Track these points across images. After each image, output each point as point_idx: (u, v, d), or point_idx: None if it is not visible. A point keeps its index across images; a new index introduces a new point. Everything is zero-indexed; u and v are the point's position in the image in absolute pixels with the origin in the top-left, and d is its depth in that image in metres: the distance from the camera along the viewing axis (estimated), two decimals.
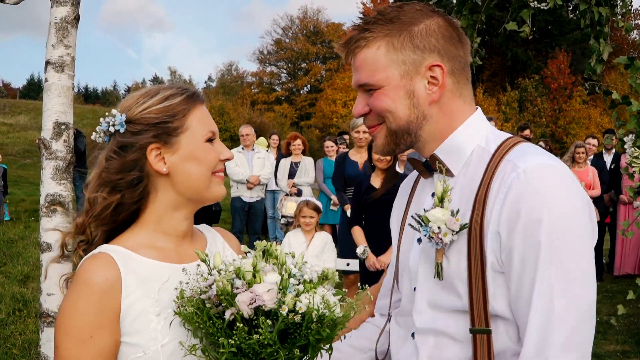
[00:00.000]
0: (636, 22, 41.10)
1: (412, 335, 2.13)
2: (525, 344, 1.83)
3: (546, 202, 1.82)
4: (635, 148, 3.83)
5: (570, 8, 42.23)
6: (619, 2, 4.51)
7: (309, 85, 59.35)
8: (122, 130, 2.08)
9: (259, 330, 1.71)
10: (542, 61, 45.19)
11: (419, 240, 2.09)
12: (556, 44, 44.15)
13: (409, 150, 2.20)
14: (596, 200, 12.89)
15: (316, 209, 7.95)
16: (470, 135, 2.07)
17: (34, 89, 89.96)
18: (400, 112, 2.04)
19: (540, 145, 13.21)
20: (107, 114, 2.13)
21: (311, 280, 1.82)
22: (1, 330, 8.28)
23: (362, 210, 7.39)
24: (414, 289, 2.13)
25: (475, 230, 1.91)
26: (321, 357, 1.90)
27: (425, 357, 2.05)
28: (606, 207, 13.85)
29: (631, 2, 4.58)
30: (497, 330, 1.92)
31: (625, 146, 4.11)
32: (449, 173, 2.05)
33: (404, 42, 2.02)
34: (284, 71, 63.58)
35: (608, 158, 14.00)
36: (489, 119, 13.55)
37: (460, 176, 2.04)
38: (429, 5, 2.14)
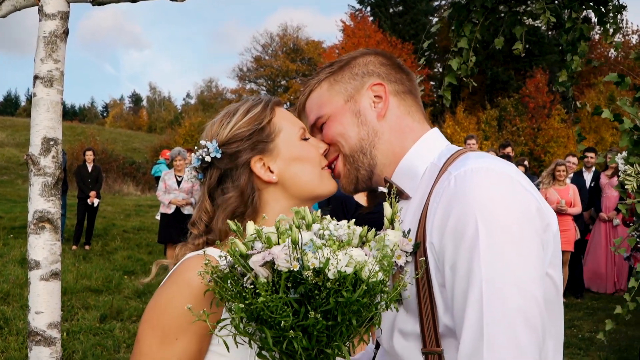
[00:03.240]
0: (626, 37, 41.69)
1: None
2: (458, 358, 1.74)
3: (475, 205, 1.73)
4: (628, 165, 3.85)
5: (552, 27, 42.76)
6: (610, 19, 4.55)
7: (288, 103, 59.29)
8: (219, 155, 2.09)
9: (261, 292, 1.58)
10: (521, 80, 45.55)
11: None
12: (535, 63, 44.53)
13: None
14: (576, 218, 13.02)
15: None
16: (422, 154, 2.08)
17: (10, 105, 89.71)
18: (350, 132, 2.11)
19: (525, 165, 13.32)
20: (196, 148, 2.13)
21: (339, 240, 1.67)
22: None
23: None
24: None
25: (419, 248, 1.87)
26: (362, 336, 1.75)
27: None
28: (586, 225, 13.97)
29: (622, 20, 4.63)
30: (449, 350, 1.83)
31: (619, 163, 4.14)
32: (404, 195, 2.05)
33: (343, 73, 2.17)
34: (264, 88, 63.59)
35: (588, 176, 14.14)
36: (470, 137, 13.67)
37: (415, 197, 2.02)
38: (370, 48, 2.28)
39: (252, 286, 1.62)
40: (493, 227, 1.71)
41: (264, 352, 1.70)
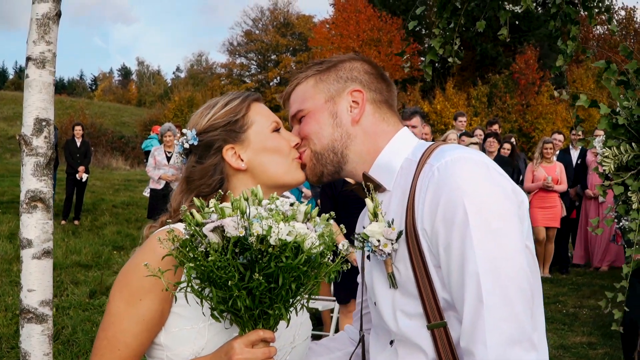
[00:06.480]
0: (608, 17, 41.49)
1: (391, 343, 2.23)
2: (461, 332, 1.94)
3: (461, 190, 1.95)
4: (606, 148, 3.95)
5: (541, 3, 42.55)
6: (593, 2, 4.61)
7: (279, 77, 59.06)
8: (195, 143, 2.29)
9: (211, 252, 1.82)
10: (511, 56, 45.37)
11: (369, 257, 2.24)
12: (524, 39, 44.36)
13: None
14: (562, 195, 13.14)
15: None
16: (397, 151, 2.26)
17: None
18: (324, 132, 2.29)
19: (511, 142, 13.41)
20: (178, 136, 2.35)
21: (284, 214, 1.90)
22: None
23: (335, 204, 7.40)
24: (375, 303, 2.27)
25: (410, 234, 2.05)
26: (301, 302, 1.99)
27: None
28: (572, 202, 14.08)
29: (612, 1, 4.70)
30: (451, 321, 2.03)
31: (597, 146, 4.25)
32: (382, 189, 2.22)
33: (330, 74, 2.33)
34: (254, 63, 63.31)
35: (574, 153, 14.21)
36: (460, 114, 13.77)
37: (394, 190, 2.20)
38: (359, 54, 2.45)
39: (204, 250, 1.85)
40: (479, 209, 1.94)
41: (215, 313, 1.93)
